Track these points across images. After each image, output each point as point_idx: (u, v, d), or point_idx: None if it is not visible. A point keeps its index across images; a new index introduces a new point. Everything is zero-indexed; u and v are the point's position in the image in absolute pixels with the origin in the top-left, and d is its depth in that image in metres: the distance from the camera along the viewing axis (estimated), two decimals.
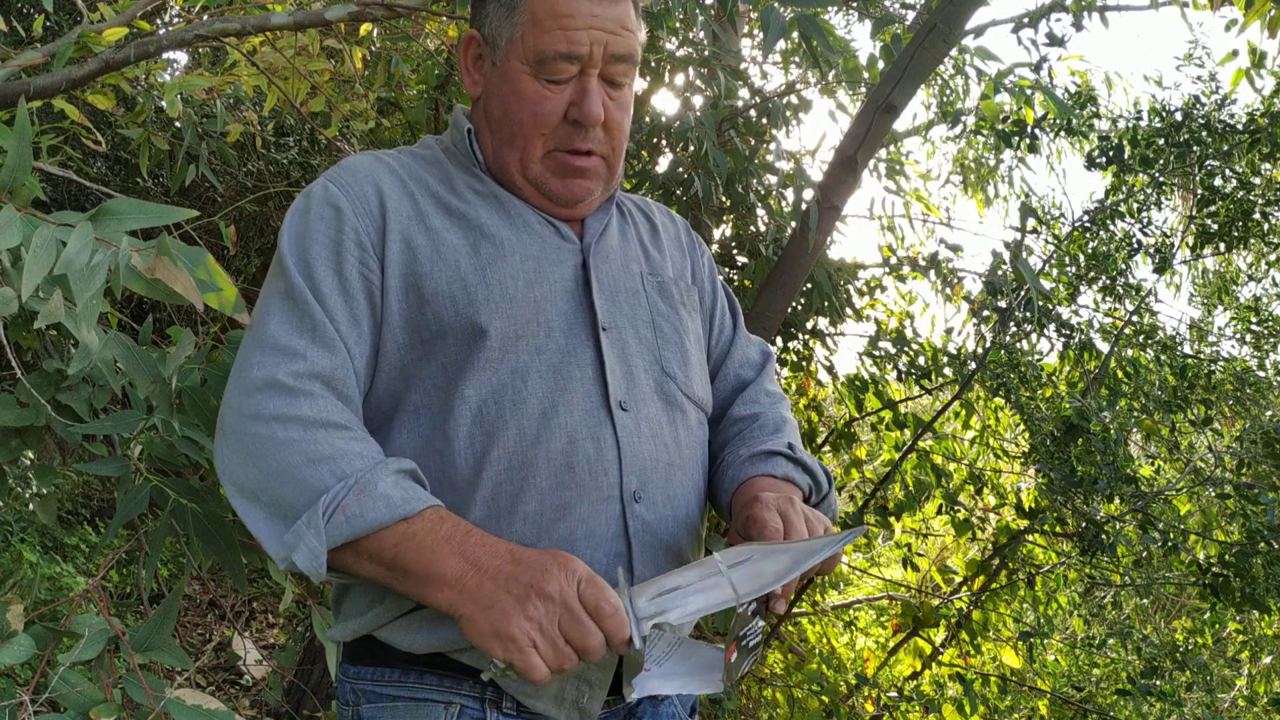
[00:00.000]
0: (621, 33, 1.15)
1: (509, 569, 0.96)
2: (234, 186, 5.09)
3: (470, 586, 0.96)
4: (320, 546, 0.96)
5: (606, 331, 1.16)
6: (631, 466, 1.11)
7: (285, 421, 1.00)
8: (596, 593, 0.95)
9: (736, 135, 3.43)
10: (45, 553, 4.00)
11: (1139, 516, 3.58)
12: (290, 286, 1.08)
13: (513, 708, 1.08)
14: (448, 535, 0.98)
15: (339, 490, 0.97)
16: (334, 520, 0.96)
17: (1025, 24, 3.47)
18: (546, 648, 0.93)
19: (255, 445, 1.00)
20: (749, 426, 1.29)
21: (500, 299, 1.11)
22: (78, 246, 0.99)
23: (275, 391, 1.02)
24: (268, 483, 0.99)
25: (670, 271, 1.32)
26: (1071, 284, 4.35)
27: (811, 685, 3.68)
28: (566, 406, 1.10)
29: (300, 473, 0.98)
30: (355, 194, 1.14)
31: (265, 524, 1.00)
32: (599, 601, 0.94)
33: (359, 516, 0.96)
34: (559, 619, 0.94)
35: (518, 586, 0.95)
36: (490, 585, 0.96)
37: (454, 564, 0.97)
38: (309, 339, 1.06)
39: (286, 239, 1.13)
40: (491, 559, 0.97)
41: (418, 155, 1.25)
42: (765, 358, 1.41)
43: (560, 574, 0.95)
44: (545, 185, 1.19)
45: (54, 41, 2.12)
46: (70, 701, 1.32)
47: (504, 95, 1.18)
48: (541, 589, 0.94)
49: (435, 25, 3.79)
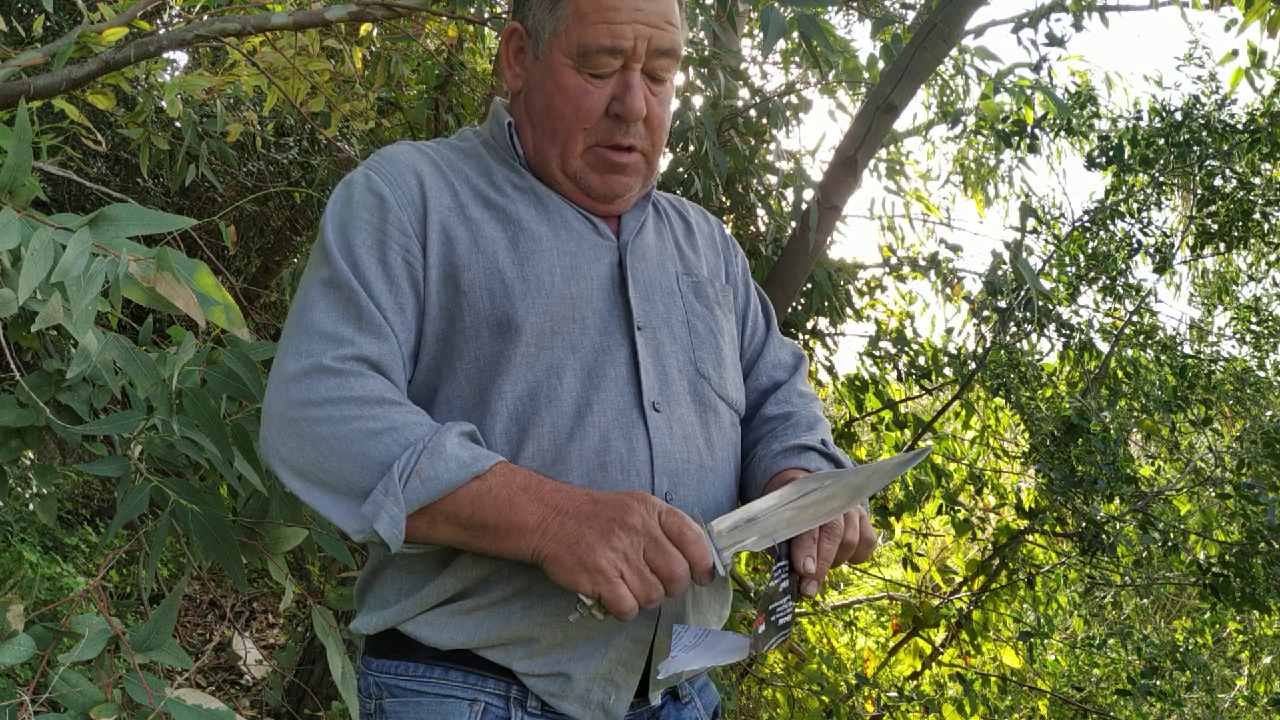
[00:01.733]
0: (665, 27, 1.14)
1: (589, 508, 0.98)
2: (234, 186, 5.10)
3: (553, 528, 0.97)
4: (400, 513, 0.97)
5: (641, 331, 1.16)
6: (663, 468, 1.11)
7: (339, 402, 1.00)
8: (679, 522, 0.96)
9: (736, 135, 3.43)
10: (45, 553, 4.00)
11: (1139, 516, 3.58)
12: (335, 274, 1.08)
13: (537, 707, 1.07)
14: (523, 485, 0.99)
15: (409, 457, 0.98)
16: (410, 485, 0.97)
17: (1025, 24, 3.47)
18: (633, 577, 0.94)
19: (311, 428, 1.00)
20: (782, 424, 1.28)
21: (537, 294, 1.11)
22: (74, 254, 0.99)
23: (324, 374, 1.02)
24: (329, 463, 0.99)
25: (705, 271, 1.31)
26: (1071, 284, 4.35)
27: (812, 685, 3.69)
28: (600, 405, 1.10)
29: (363, 447, 0.98)
30: (398, 183, 1.13)
31: (333, 503, 1.00)
32: (682, 529, 0.96)
33: (434, 479, 0.97)
34: (644, 548, 0.95)
35: (600, 522, 0.96)
36: (573, 524, 0.97)
37: (535, 510, 0.98)
38: (355, 326, 1.06)
39: (330, 227, 1.12)
40: (570, 501, 0.99)
41: (456, 147, 1.24)
42: (798, 360, 1.41)
43: (641, 507, 0.97)
44: (585, 180, 1.19)
45: (54, 41, 2.12)
46: (70, 701, 1.32)
47: (546, 89, 1.17)
48: (624, 521, 0.96)
49: (435, 25, 3.79)
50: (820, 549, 1.04)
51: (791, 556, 1.04)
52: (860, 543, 1.09)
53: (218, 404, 1.48)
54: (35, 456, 1.76)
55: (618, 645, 1.08)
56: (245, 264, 5.88)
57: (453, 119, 3.85)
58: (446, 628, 1.07)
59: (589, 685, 1.07)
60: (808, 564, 1.02)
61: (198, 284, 1.03)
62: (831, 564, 1.06)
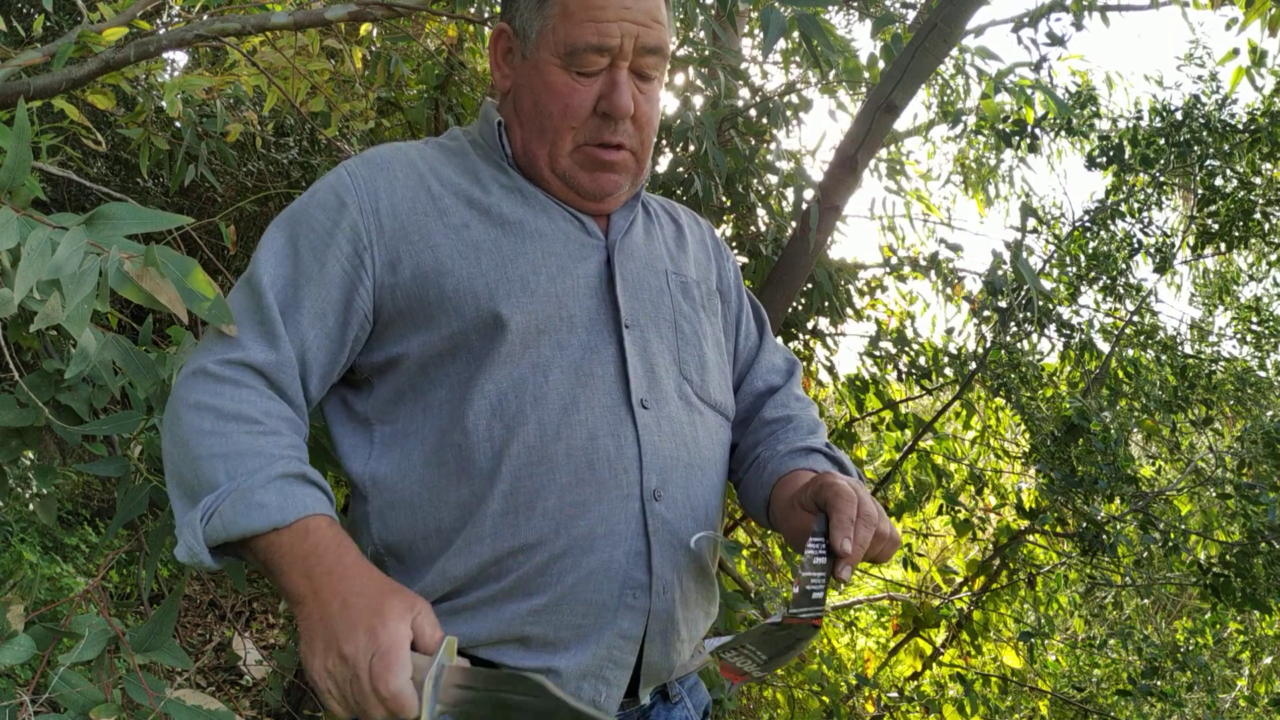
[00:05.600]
0: (652, 25, 1.15)
1: (335, 610, 0.95)
2: (234, 186, 5.10)
3: (303, 613, 0.97)
4: (199, 545, 0.99)
5: (629, 329, 1.16)
6: (652, 465, 1.11)
7: (203, 410, 1.03)
8: (383, 670, 0.90)
9: (736, 135, 3.42)
10: (45, 553, 4.00)
11: (1140, 517, 3.57)
12: (254, 272, 1.10)
13: None
14: (305, 554, 0.99)
15: (223, 493, 1.00)
16: (211, 523, 0.99)
17: (1025, 23, 3.47)
18: (339, 700, 0.94)
19: (176, 429, 1.04)
20: (783, 427, 1.29)
21: (522, 293, 1.11)
22: (68, 252, 0.99)
23: (202, 378, 1.05)
24: (180, 467, 1.03)
25: (693, 274, 1.31)
26: (1072, 284, 4.35)
27: (812, 686, 3.68)
28: (588, 403, 1.10)
29: (202, 465, 1.02)
30: (367, 190, 1.13)
31: (176, 503, 1.04)
32: (383, 679, 0.91)
33: (233, 523, 0.99)
34: (349, 680, 0.93)
35: (328, 635, 0.94)
36: (317, 618, 0.96)
37: (301, 586, 0.98)
38: (253, 331, 1.08)
39: (282, 216, 1.14)
40: (330, 592, 0.96)
41: (444, 147, 1.25)
42: (791, 365, 1.41)
43: (363, 638, 0.92)
44: (574, 179, 1.19)
45: (54, 41, 2.12)
46: (70, 702, 1.32)
47: (534, 88, 1.18)
48: (340, 649, 0.93)
49: (435, 25, 3.79)
50: (857, 533, 1.03)
51: (829, 535, 1.03)
52: (889, 539, 1.09)
53: None
54: (35, 456, 1.75)
55: (608, 642, 1.08)
56: (245, 264, 5.88)
57: (453, 119, 3.85)
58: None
59: (579, 682, 1.08)
60: (845, 544, 1.01)
61: (191, 282, 1.03)
62: (866, 553, 1.05)
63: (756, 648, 1.01)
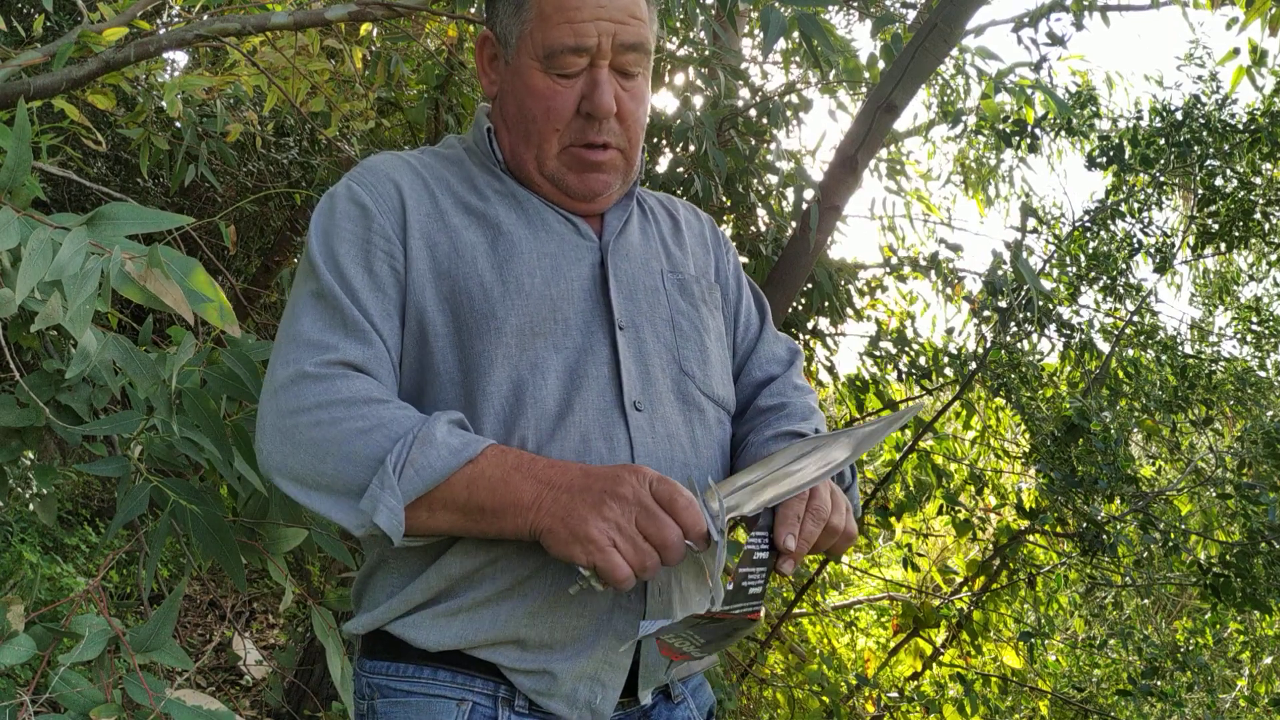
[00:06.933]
0: (630, 21, 1.15)
1: (581, 480, 0.98)
2: (234, 186, 5.10)
3: (547, 503, 0.98)
4: (399, 504, 0.97)
5: (623, 330, 1.16)
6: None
7: (326, 405, 1.01)
8: (670, 489, 0.96)
9: (736, 135, 3.42)
10: (45, 553, 4.00)
11: (1140, 517, 3.57)
12: (320, 285, 1.09)
13: (525, 706, 1.08)
14: (515, 464, 1.00)
15: (400, 450, 0.99)
16: (405, 476, 0.98)
17: (1025, 23, 3.48)
18: (626, 546, 0.95)
19: (302, 434, 1.01)
20: (775, 414, 1.28)
21: (517, 296, 1.12)
22: (70, 252, 0.99)
23: (308, 381, 1.03)
24: (323, 465, 1.00)
25: (692, 269, 1.31)
26: (1072, 284, 4.35)
27: (812, 686, 3.68)
28: (581, 406, 1.10)
29: (355, 445, 0.99)
30: (379, 191, 1.15)
31: (333, 503, 1.01)
32: (674, 495, 0.96)
33: (428, 468, 0.98)
34: (636, 517, 0.95)
35: (592, 494, 0.97)
36: (565, 497, 0.98)
37: (528, 488, 0.99)
38: (340, 333, 1.07)
39: (314, 239, 1.13)
40: (563, 475, 1.00)
41: (440, 155, 1.26)
42: (793, 354, 1.40)
43: (632, 477, 0.97)
44: (562, 181, 1.19)
45: (54, 41, 2.12)
46: (70, 702, 1.32)
47: (518, 93, 1.18)
48: (615, 491, 0.96)
49: (435, 25, 3.79)
50: (803, 528, 1.03)
51: (774, 530, 1.02)
52: (842, 533, 1.07)
53: (217, 404, 1.48)
54: (35, 457, 1.76)
55: (603, 645, 1.08)
56: (245, 264, 5.89)
57: (453, 119, 3.85)
58: (434, 630, 1.07)
59: (575, 684, 1.08)
60: (788, 541, 1.01)
61: (193, 283, 1.03)
62: (812, 548, 1.05)
63: (694, 633, 1.01)
